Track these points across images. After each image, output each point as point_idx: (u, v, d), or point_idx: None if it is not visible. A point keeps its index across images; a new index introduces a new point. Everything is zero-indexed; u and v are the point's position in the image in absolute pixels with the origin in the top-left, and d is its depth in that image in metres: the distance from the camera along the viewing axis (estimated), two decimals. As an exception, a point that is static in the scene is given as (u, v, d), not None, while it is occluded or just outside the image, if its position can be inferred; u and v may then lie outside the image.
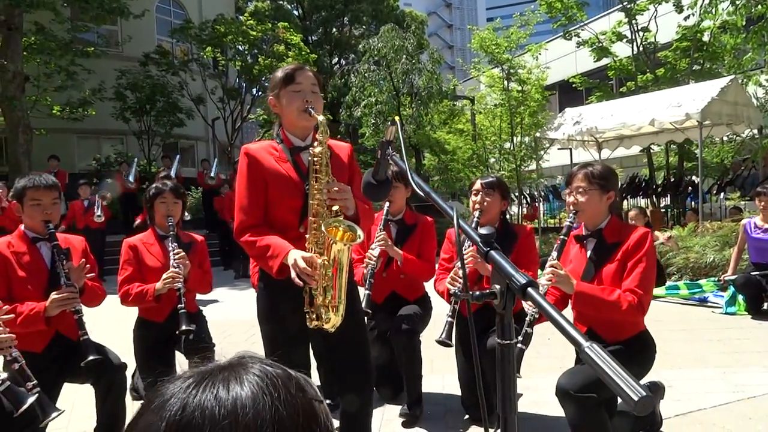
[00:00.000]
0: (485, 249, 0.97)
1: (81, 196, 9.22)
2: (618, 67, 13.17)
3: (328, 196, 2.03)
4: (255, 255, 2.12)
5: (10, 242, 2.61)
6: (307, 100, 2.11)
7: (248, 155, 2.17)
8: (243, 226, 2.13)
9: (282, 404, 0.59)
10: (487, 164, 13.35)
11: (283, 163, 2.16)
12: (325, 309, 1.99)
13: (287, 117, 2.18)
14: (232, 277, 9.66)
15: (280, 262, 1.99)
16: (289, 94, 2.13)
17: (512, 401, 0.93)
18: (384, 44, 14.42)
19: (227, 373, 0.62)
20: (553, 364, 3.97)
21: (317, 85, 2.18)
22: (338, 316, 2.00)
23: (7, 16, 11.11)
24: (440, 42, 63.69)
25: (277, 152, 2.18)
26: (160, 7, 18.42)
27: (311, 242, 2.04)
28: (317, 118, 2.05)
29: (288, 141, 2.20)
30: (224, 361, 0.65)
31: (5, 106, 11.61)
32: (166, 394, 0.61)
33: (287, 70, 2.17)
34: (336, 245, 1.94)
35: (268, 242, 2.04)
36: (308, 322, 2.03)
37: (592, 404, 2.23)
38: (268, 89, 2.28)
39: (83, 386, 2.77)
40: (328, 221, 1.99)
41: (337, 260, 1.96)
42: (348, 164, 2.26)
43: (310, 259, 1.93)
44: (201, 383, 0.61)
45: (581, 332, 0.77)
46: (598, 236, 2.49)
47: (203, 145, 20.00)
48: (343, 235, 2.00)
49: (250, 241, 2.09)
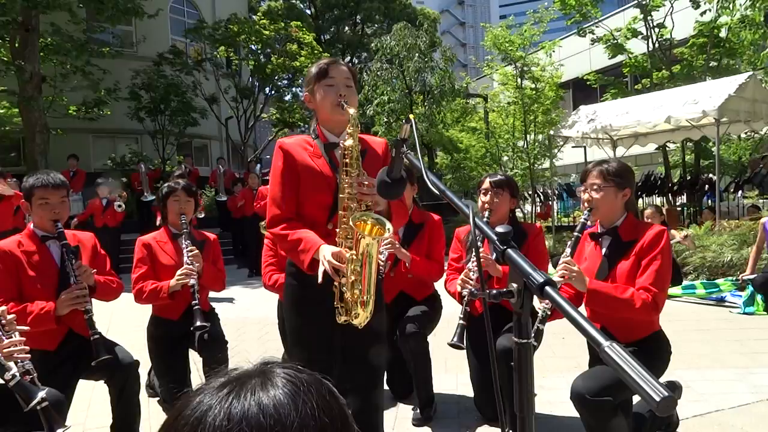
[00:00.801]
0: (502, 247, 0.96)
1: (99, 195, 9.32)
2: (633, 64, 13.05)
3: (358, 190, 2.02)
4: (286, 248, 2.13)
5: (20, 241, 2.63)
6: (341, 94, 2.10)
7: (282, 149, 2.18)
8: (276, 218, 2.14)
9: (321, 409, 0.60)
10: (500, 162, 13.27)
11: (316, 158, 2.16)
12: (354, 305, 1.99)
13: (322, 112, 2.18)
14: (245, 275, 9.71)
15: (311, 257, 1.99)
16: (322, 89, 2.13)
17: (530, 401, 0.92)
18: (396, 42, 14.39)
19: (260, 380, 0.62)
20: (569, 363, 3.94)
21: (351, 78, 2.18)
22: (367, 312, 1.99)
23: (24, 17, 11.24)
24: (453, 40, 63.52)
25: (312, 147, 2.19)
26: (174, 7, 18.54)
27: (341, 236, 2.03)
28: (349, 111, 2.05)
29: (323, 136, 2.20)
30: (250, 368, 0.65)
31: (23, 107, 11.76)
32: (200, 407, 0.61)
33: (321, 64, 2.17)
34: (364, 240, 1.93)
35: (299, 236, 2.05)
36: (337, 317, 2.03)
37: (608, 408, 2.20)
38: (303, 85, 2.29)
39: (100, 383, 2.80)
40: (356, 215, 1.98)
41: (365, 255, 1.95)
42: (383, 159, 2.26)
43: (339, 254, 1.92)
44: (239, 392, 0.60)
45: (601, 331, 0.76)
46: (613, 234, 2.46)
47: (216, 144, 20.11)
48: (372, 229, 1.98)
49: (282, 234, 2.10)
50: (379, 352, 2.26)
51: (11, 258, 2.56)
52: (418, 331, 3.16)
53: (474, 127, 14.92)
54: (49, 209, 2.62)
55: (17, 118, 12.84)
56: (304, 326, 2.20)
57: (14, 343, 1.94)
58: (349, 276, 1.95)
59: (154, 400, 3.59)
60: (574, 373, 2.66)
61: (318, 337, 2.16)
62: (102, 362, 2.52)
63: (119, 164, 15.19)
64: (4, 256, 2.56)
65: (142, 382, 3.01)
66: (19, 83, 11.65)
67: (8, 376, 1.79)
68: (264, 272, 3.71)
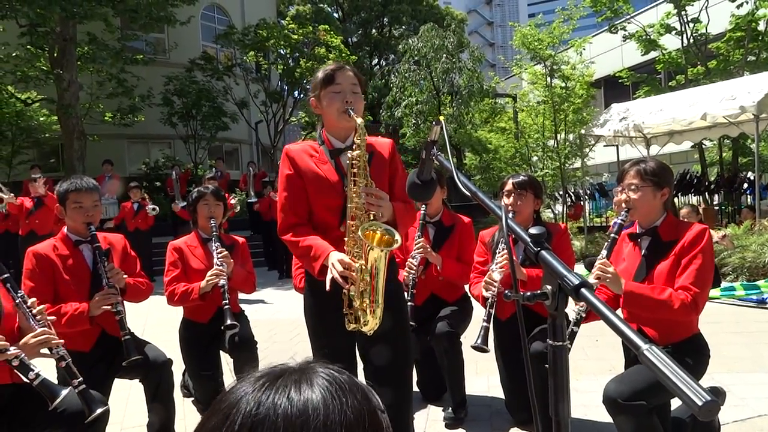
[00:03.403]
0: (535, 249, 0.95)
1: (131, 198, 9.55)
2: (667, 60, 12.74)
3: (366, 200, 2.02)
4: (298, 255, 2.15)
5: (54, 245, 2.70)
6: (348, 101, 2.09)
7: (288, 156, 2.19)
8: (285, 224, 2.15)
9: (350, 409, 0.61)
10: (530, 162, 13.11)
11: (322, 164, 2.16)
12: (363, 312, 1.99)
13: (328, 118, 2.17)
14: (276, 277, 9.81)
15: (321, 264, 2.00)
16: (329, 95, 2.11)
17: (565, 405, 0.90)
18: (424, 44, 14.36)
19: (297, 376, 0.64)
20: (602, 366, 3.87)
21: (358, 85, 2.16)
22: (376, 319, 1.99)
23: (62, 28, 11.62)
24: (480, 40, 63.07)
25: (317, 153, 2.18)
26: (205, 14, 18.90)
27: (350, 245, 2.04)
28: (356, 120, 2.04)
29: (329, 143, 2.19)
30: (293, 365, 0.67)
31: (61, 114, 12.15)
32: (236, 395, 0.64)
33: (327, 70, 2.15)
34: (373, 251, 1.94)
35: (310, 243, 2.06)
36: (347, 324, 2.04)
37: (642, 412, 2.14)
38: (310, 90, 2.28)
39: (136, 383, 2.87)
40: (364, 225, 1.98)
41: (374, 264, 1.95)
42: (389, 160, 2.24)
43: (345, 262, 1.93)
44: (273, 384, 0.63)
45: (639, 334, 0.74)
46: (653, 234, 2.39)
47: (247, 147, 20.40)
48: (381, 239, 1.99)
49: (293, 241, 2.11)
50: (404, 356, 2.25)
51: (47, 261, 2.64)
52: (452, 331, 3.14)
53: (503, 127, 14.78)
54: (82, 213, 2.69)
55: (56, 125, 13.29)
56: (322, 331, 2.22)
57: (47, 332, 2.00)
58: (358, 284, 1.96)
59: (189, 400, 3.66)
60: (608, 375, 2.61)
61: (337, 342, 2.16)
62: (133, 362, 2.59)
63: (153, 169, 15.54)
64: (41, 259, 2.63)
65: (177, 381, 3.06)
66: (58, 91, 12.05)
67: (32, 375, 1.82)
68: (294, 274, 3.73)
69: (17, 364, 1.79)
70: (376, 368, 2.20)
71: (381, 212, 2.04)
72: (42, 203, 7.86)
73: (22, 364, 1.80)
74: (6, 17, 11.00)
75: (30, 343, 1.96)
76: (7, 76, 12.59)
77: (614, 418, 2.23)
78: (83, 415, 2.00)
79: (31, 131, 14.19)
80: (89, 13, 11.24)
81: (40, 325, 2.00)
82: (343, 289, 1.97)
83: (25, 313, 2.02)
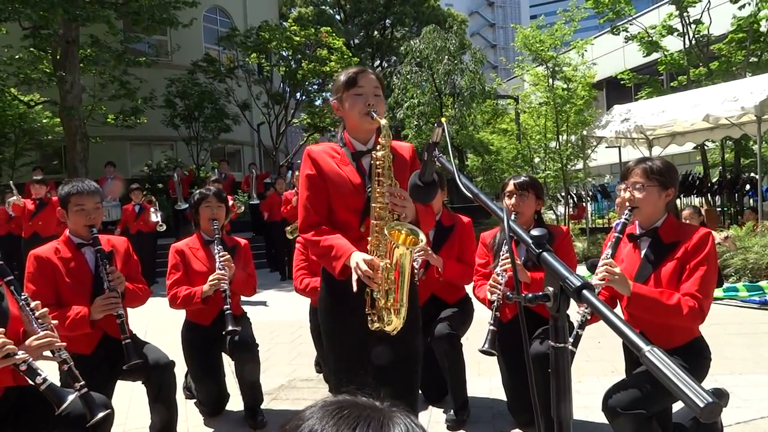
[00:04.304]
0: (537, 251, 0.95)
1: (133, 200, 9.55)
2: (669, 61, 12.73)
3: (390, 200, 2.03)
4: (318, 254, 2.15)
5: (56, 248, 2.71)
6: (370, 103, 2.11)
7: (311, 157, 2.21)
8: (307, 223, 2.17)
9: None
10: (532, 164, 13.10)
11: (344, 166, 2.18)
12: (387, 312, 1.99)
13: (350, 120, 2.19)
14: (278, 279, 9.81)
15: (342, 264, 2.00)
16: (351, 98, 2.13)
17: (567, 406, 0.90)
18: (426, 45, 14.37)
19: (378, 417, 0.62)
20: (605, 367, 3.86)
21: (380, 87, 2.18)
22: (400, 319, 1.99)
23: (65, 30, 11.66)
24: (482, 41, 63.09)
25: (339, 155, 2.20)
26: (207, 16, 18.93)
27: (373, 245, 2.04)
28: (379, 121, 2.06)
29: (350, 145, 2.21)
30: (372, 402, 0.65)
31: (64, 116, 12.18)
32: (308, 419, 0.62)
33: (350, 73, 2.17)
34: (398, 249, 1.94)
35: (331, 242, 2.06)
36: (369, 324, 2.04)
37: (641, 420, 2.12)
38: (331, 92, 2.29)
39: (139, 384, 2.87)
40: (390, 224, 1.99)
41: (399, 264, 1.96)
42: (410, 164, 2.26)
43: (371, 262, 1.93)
44: (350, 420, 0.60)
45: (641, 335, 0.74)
46: (653, 235, 2.35)
47: (249, 149, 20.42)
48: (406, 238, 1.99)
49: (314, 240, 2.12)
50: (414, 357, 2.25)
51: (49, 265, 2.64)
52: (452, 333, 3.13)
53: (505, 129, 14.78)
54: (84, 215, 2.70)
55: (59, 128, 13.33)
56: (339, 332, 2.21)
57: (50, 335, 2.00)
58: (383, 284, 1.96)
59: (191, 401, 3.66)
60: (610, 377, 2.61)
61: (353, 343, 2.17)
62: (133, 366, 2.60)
63: (155, 170, 15.56)
64: (42, 262, 2.64)
65: (179, 383, 3.07)
66: (61, 93, 12.08)
67: (39, 380, 1.83)
68: (295, 276, 3.75)
69: (25, 369, 1.79)
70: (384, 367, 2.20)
71: (405, 213, 2.05)
72: (44, 205, 7.88)
73: (30, 369, 1.80)
74: (9, 19, 11.03)
75: (33, 345, 1.97)
76: (10, 78, 12.62)
77: (614, 426, 2.21)
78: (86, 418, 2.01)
79: (33, 133, 14.23)
80: (92, 15, 11.28)
81: (43, 328, 2.01)
82: (367, 289, 1.97)
83: (28, 315, 2.03)
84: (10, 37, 12.35)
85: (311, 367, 4.31)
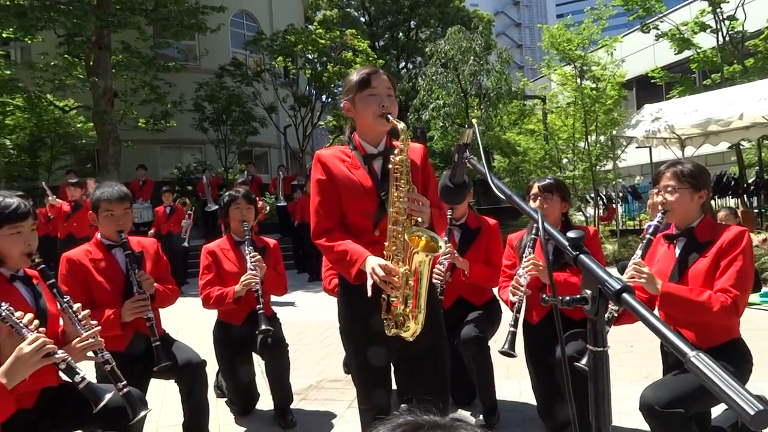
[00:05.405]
0: (574, 253, 0.93)
1: (164, 202, 9.72)
2: (701, 59, 12.41)
3: (409, 206, 2.00)
4: (332, 259, 2.13)
5: (87, 250, 2.78)
6: (384, 105, 2.07)
7: (320, 161, 2.17)
8: (319, 229, 2.14)
9: None
10: (560, 165, 12.92)
11: (355, 169, 2.14)
12: (405, 317, 1.97)
13: (362, 122, 2.16)
14: (306, 280, 9.88)
15: (357, 268, 1.99)
16: (364, 99, 2.09)
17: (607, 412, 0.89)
18: (451, 46, 14.31)
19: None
20: (638, 372, 3.79)
21: (392, 88, 2.14)
22: (418, 325, 1.97)
23: (97, 37, 11.96)
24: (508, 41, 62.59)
25: (350, 158, 2.16)
26: (234, 21, 19.19)
27: (390, 250, 2.01)
28: (395, 124, 2.03)
29: (361, 148, 2.17)
30: (440, 419, 0.65)
31: (97, 121, 12.49)
32: None
33: (362, 74, 2.13)
34: (418, 255, 1.92)
35: (345, 248, 2.04)
36: (387, 329, 2.02)
37: (679, 420, 2.08)
38: (343, 93, 2.26)
39: (172, 383, 2.92)
40: (410, 230, 1.97)
41: (417, 269, 1.94)
42: (422, 166, 2.22)
43: (387, 267, 1.91)
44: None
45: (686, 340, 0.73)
46: (688, 235, 2.34)
47: (275, 152, 20.62)
48: (426, 245, 1.97)
49: (327, 245, 2.09)
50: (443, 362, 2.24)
51: (80, 267, 2.71)
52: (479, 335, 3.11)
53: (532, 129, 14.62)
54: (113, 221, 2.76)
55: (92, 132, 13.68)
56: (356, 336, 2.20)
57: (93, 335, 2.04)
58: (402, 290, 1.95)
59: (222, 400, 3.71)
60: (643, 383, 2.55)
61: (371, 347, 2.15)
62: (163, 368, 2.66)
63: (185, 173, 15.84)
64: (74, 265, 2.71)
65: (211, 382, 3.11)
66: (94, 99, 12.39)
67: (78, 378, 1.86)
68: (324, 276, 3.77)
69: (64, 368, 1.84)
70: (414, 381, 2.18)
71: (423, 218, 2.03)
72: (79, 206, 8.09)
73: (69, 368, 1.84)
74: (45, 27, 11.37)
75: (77, 347, 2.02)
76: (46, 84, 13.00)
77: (651, 425, 2.17)
78: (124, 413, 2.05)
79: (68, 137, 14.64)
80: (123, 22, 11.55)
81: (85, 330, 2.05)
82: (382, 294, 1.95)
83: (71, 317, 2.08)
84: (45, 45, 12.71)
85: (339, 368, 4.32)
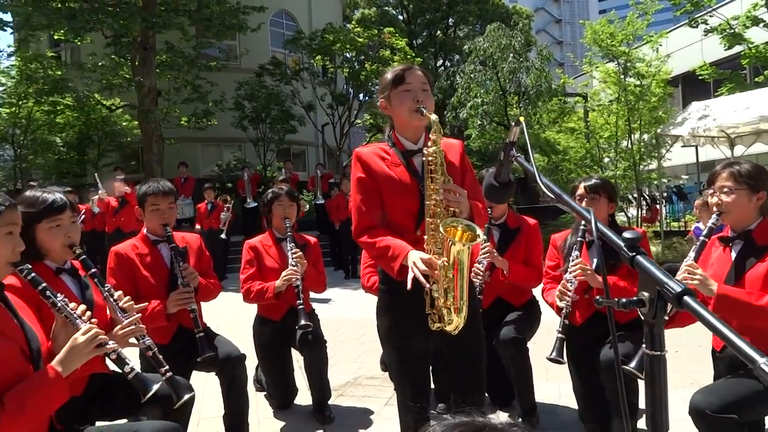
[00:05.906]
0: (630, 254, 0.91)
1: (206, 198, 9.94)
2: (754, 54, 11.93)
3: (444, 196, 1.99)
4: (375, 255, 2.13)
5: (134, 245, 2.88)
6: (418, 100, 2.07)
7: (360, 160, 2.18)
8: (360, 227, 2.14)
9: None
10: (602, 164, 12.62)
11: (395, 167, 2.14)
12: (447, 311, 1.96)
13: (399, 118, 2.15)
14: (342, 277, 9.95)
15: (400, 263, 1.97)
16: (399, 95, 2.09)
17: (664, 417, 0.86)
18: (490, 44, 14.14)
19: None
20: (684, 378, 3.67)
21: (428, 83, 2.14)
22: (461, 318, 1.96)
23: (143, 37, 12.32)
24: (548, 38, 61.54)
25: (389, 156, 2.16)
26: (274, 21, 19.42)
27: (429, 243, 2.00)
28: (429, 117, 2.02)
29: (400, 144, 2.17)
30: (497, 423, 0.68)
31: (141, 119, 12.87)
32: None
33: (396, 71, 2.14)
34: (455, 246, 1.90)
35: (387, 243, 2.04)
36: (431, 324, 2.01)
37: (731, 427, 2.00)
38: (378, 91, 2.26)
39: (213, 375, 2.99)
40: (446, 221, 1.95)
41: (457, 261, 1.91)
42: (460, 162, 2.21)
43: (429, 261, 1.89)
44: None
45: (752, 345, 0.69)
46: (746, 238, 2.25)
47: (313, 150, 20.81)
48: (462, 235, 1.95)
49: (369, 242, 2.09)
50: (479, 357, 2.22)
51: (127, 261, 2.81)
52: (517, 337, 3.07)
53: (572, 128, 14.33)
54: (159, 214, 2.84)
55: (137, 130, 14.11)
56: (397, 332, 2.19)
57: (134, 321, 2.10)
58: (441, 283, 1.93)
59: (261, 394, 3.77)
60: (690, 389, 2.47)
61: (412, 344, 2.14)
62: (206, 359, 2.72)
63: (225, 170, 16.16)
64: (121, 258, 2.81)
65: (250, 375, 3.16)
66: (138, 98, 12.76)
67: (127, 369, 1.91)
68: (363, 273, 3.78)
69: (115, 358, 1.89)
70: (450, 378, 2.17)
71: (461, 208, 2.01)
72: (126, 202, 8.36)
73: (119, 358, 1.90)
74: (93, 29, 11.78)
75: (119, 334, 2.07)
76: (94, 84, 13.48)
77: (700, 430, 2.10)
78: (171, 399, 2.10)
79: (114, 135, 15.14)
80: (167, 22, 11.85)
81: (126, 317, 2.11)
82: (426, 288, 1.94)
83: (112, 305, 2.14)
84: (94, 46, 13.18)
85: (376, 365, 4.33)
